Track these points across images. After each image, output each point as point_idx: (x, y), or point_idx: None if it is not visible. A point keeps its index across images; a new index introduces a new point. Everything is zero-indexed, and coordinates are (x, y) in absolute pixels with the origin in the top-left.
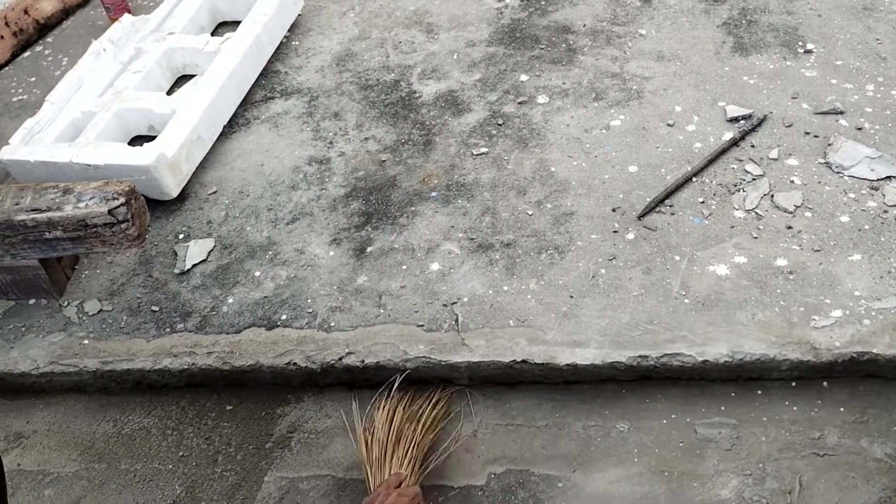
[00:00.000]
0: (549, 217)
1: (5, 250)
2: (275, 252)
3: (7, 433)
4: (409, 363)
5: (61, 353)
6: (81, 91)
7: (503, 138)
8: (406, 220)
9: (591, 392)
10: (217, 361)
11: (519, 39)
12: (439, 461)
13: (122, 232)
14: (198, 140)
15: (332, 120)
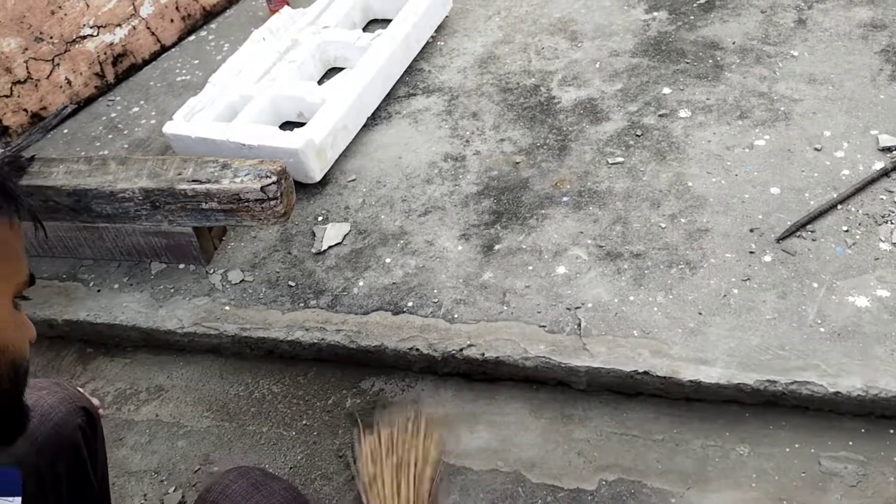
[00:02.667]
0: (682, 231)
1: (164, 216)
2: (406, 241)
3: (149, 385)
4: (529, 361)
5: (204, 316)
6: (241, 76)
7: (641, 149)
8: (535, 222)
9: (712, 411)
10: (345, 339)
11: (664, 52)
12: (546, 462)
13: (271, 208)
14: (343, 129)
15: (470, 119)
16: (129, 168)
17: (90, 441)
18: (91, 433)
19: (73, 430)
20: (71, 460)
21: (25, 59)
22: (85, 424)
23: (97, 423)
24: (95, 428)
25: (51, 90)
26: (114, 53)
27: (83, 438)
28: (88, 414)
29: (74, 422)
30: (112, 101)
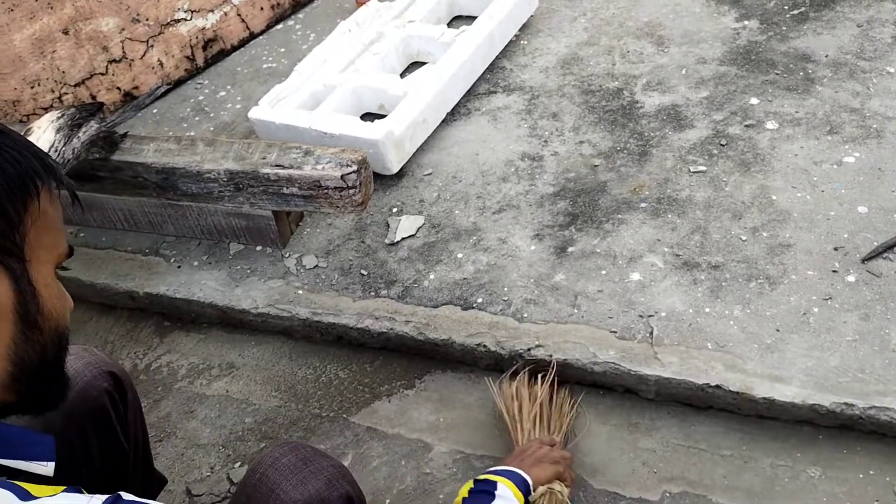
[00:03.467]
0: (763, 245)
1: (246, 198)
2: (478, 238)
3: (221, 361)
4: (597, 366)
5: (278, 298)
6: (326, 65)
7: (724, 159)
8: (611, 227)
9: (783, 430)
10: (413, 331)
11: (753, 62)
12: (609, 468)
13: (349, 197)
14: (423, 123)
15: (549, 120)
16: (216, 150)
17: (119, 406)
18: (120, 398)
19: (99, 394)
20: (99, 424)
21: (122, 38)
22: (112, 389)
23: (127, 388)
24: (125, 393)
25: (143, 70)
26: (205, 38)
27: (111, 403)
28: (116, 378)
29: (101, 386)
30: (200, 84)
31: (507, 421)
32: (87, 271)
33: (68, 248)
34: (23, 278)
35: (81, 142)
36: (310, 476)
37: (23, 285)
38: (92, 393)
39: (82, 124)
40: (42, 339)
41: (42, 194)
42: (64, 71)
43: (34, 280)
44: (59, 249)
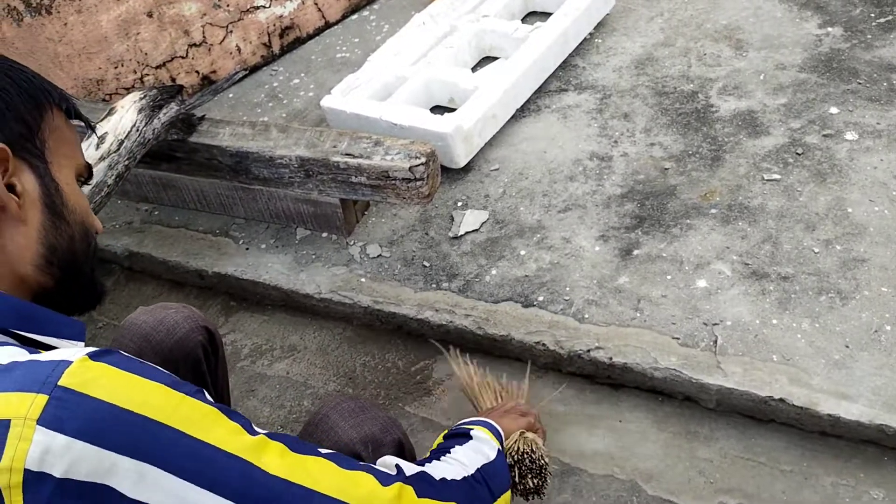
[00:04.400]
0: (836, 259)
1: (315, 185)
2: (542, 236)
3: (283, 343)
4: (658, 372)
5: (341, 285)
6: (398, 57)
7: (799, 168)
8: (679, 232)
9: (847, 449)
10: (473, 325)
11: (835, 70)
12: (665, 475)
13: (416, 189)
14: (492, 118)
15: (620, 120)
16: (289, 136)
17: (210, 358)
18: (212, 352)
19: (194, 346)
20: (193, 372)
21: (203, 23)
22: (206, 342)
23: (219, 345)
24: (217, 349)
25: (221, 55)
26: (282, 26)
27: (204, 355)
28: (211, 334)
29: (197, 339)
30: (275, 71)
31: (468, 392)
32: (159, 248)
33: (86, 165)
34: (46, 175)
35: (161, 123)
36: (366, 421)
37: (47, 180)
38: (189, 344)
39: (163, 106)
40: (69, 230)
41: (55, 111)
42: (146, 53)
43: (57, 178)
44: (77, 161)
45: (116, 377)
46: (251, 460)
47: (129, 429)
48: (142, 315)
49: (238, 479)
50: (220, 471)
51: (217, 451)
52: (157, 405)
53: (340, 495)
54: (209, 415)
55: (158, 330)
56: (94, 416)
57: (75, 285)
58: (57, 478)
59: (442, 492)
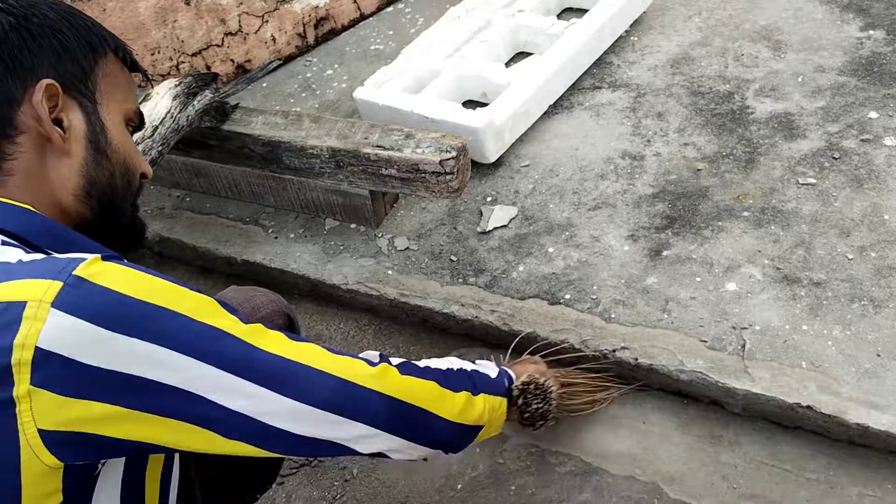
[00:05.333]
0: (870, 266)
1: (345, 176)
2: (571, 233)
3: (308, 332)
4: (684, 375)
5: (368, 277)
6: (432, 50)
7: (836, 173)
8: (710, 234)
9: (875, 459)
10: (498, 321)
11: (876, 74)
12: (687, 479)
13: (446, 182)
14: (525, 114)
15: (654, 119)
16: (321, 127)
17: None
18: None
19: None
20: None
21: (239, 12)
22: (285, 328)
23: (297, 331)
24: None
25: (256, 45)
26: (317, 17)
27: None
28: (291, 321)
29: (278, 322)
30: (309, 61)
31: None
32: (189, 234)
33: (138, 111)
34: (94, 114)
35: (196, 110)
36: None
37: (94, 119)
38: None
39: (197, 93)
40: (110, 166)
41: (109, 56)
42: (183, 40)
43: (104, 119)
44: (128, 106)
45: (126, 273)
46: (251, 342)
47: (137, 313)
48: (232, 292)
49: (241, 356)
50: (224, 348)
51: (220, 332)
52: (163, 295)
53: (333, 371)
54: (210, 305)
55: (244, 306)
56: (105, 301)
57: (113, 220)
58: (65, 357)
59: (423, 373)
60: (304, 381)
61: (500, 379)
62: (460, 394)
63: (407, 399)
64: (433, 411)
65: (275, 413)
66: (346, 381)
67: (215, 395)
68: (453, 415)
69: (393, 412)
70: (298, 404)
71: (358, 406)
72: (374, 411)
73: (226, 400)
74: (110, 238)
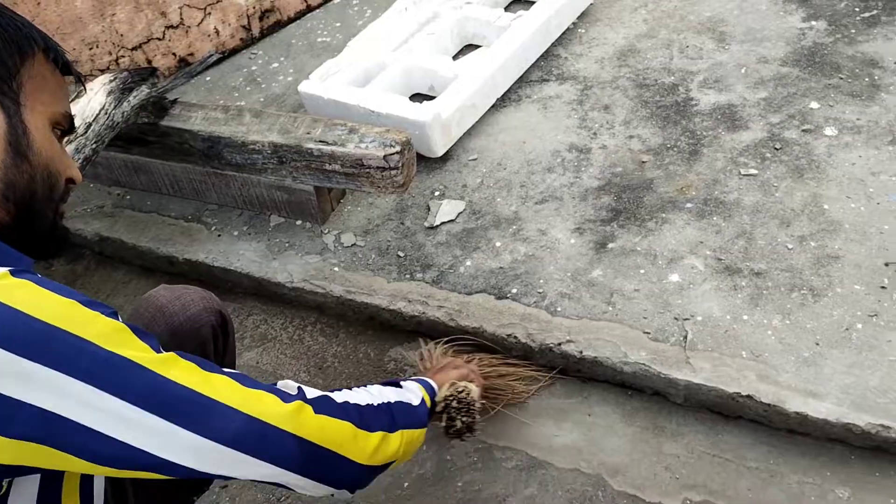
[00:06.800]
0: (810, 255)
1: (288, 172)
2: (518, 227)
3: (254, 332)
4: (627, 367)
5: (314, 274)
6: (379, 43)
7: (777, 164)
8: (654, 225)
9: (814, 448)
10: (445, 317)
11: (817, 65)
12: (631, 470)
13: (391, 178)
14: (472, 107)
15: (600, 112)
16: (263, 121)
17: (219, 343)
18: (222, 336)
19: (204, 325)
20: (196, 349)
21: (180, 5)
22: (217, 325)
23: (231, 333)
24: (227, 335)
25: (199, 38)
26: (262, 8)
27: (213, 336)
28: (224, 320)
29: (208, 319)
30: (254, 54)
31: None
32: (130, 234)
33: (68, 115)
34: (16, 116)
35: (132, 106)
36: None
37: (15, 121)
38: (199, 321)
39: (133, 88)
40: (31, 170)
41: (38, 57)
42: (122, 34)
43: (26, 121)
44: (56, 109)
45: (32, 290)
46: (159, 372)
47: (38, 336)
48: (162, 290)
49: (145, 386)
50: (128, 378)
51: (126, 361)
52: (69, 318)
53: (242, 407)
54: (120, 331)
55: (173, 304)
56: (6, 320)
57: (33, 226)
58: None
59: (339, 411)
60: (212, 417)
61: (421, 407)
62: (375, 434)
63: (319, 441)
64: (344, 454)
65: (177, 449)
66: (255, 419)
67: (115, 430)
68: (364, 457)
69: (303, 454)
70: (203, 440)
71: (267, 445)
72: (283, 452)
73: (126, 435)
74: (29, 244)
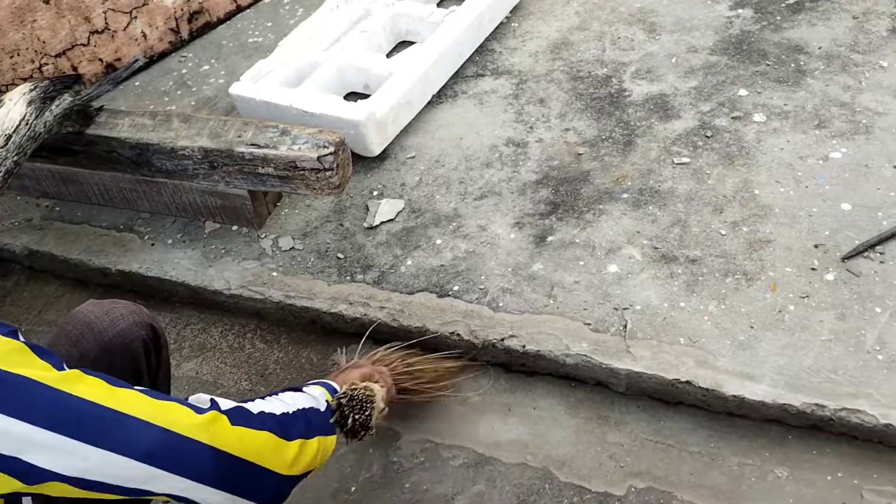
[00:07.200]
0: (742, 241)
1: (221, 177)
2: (458, 224)
3: (192, 342)
4: (569, 359)
5: (251, 280)
6: (311, 42)
7: (709, 151)
8: (592, 217)
9: (752, 429)
10: (387, 317)
11: (745, 52)
12: (577, 461)
13: (326, 179)
14: (407, 105)
15: (536, 105)
16: (192, 126)
17: (151, 357)
18: (154, 351)
19: (134, 340)
20: (129, 367)
21: (104, 9)
22: (149, 340)
23: (164, 346)
24: (160, 349)
25: (126, 42)
26: (190, 10)
27: (144, 351)
28: (156, 334)
29: (139, 334)
30: (184, 57)
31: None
32: (61, 246)
33: None
34: None
35: (54, 115)
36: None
37: None
38: (129, 336)
39: (56, 97)
40: None
41: None
42: (44, 41)
43: None
44: None
45: None
46: (63, 388)
47: None
48: (90, 305)
49: (48, 404)
50: (30, 398)
51: (27, 381)
52: None
53: (153, 419)
54: (19, 350)
55: (102, 319)
56: None
57: None
58: None
59: (256, 422)
60: (122, 431)
61: (328, 412)
62: (294, 443)
63: (238, 452)
64: (265, 465)
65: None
66: (168, 431)
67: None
68: (285, 467)
69: (220, 466)
70: (116, 457)
71: (181, 458)
72: (198, 464)
73: (35, 457)
74: None
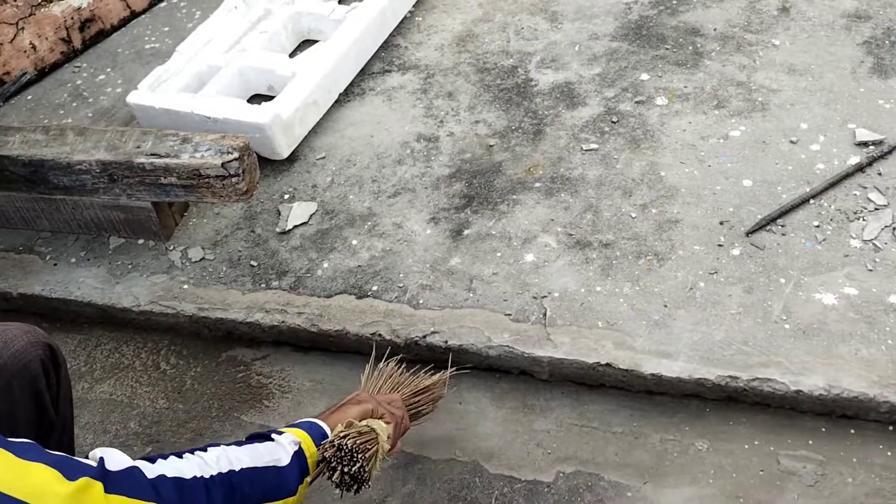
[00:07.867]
0: (652, 222)
1: (122, 190)
2: (373, 223)
3: (104, 363)
4: (492, 350)
5: (162, 295)
6: (210, 45)
7: (615, 136)
8: (506, 208)
9: (672, 405)
10: (306, 322)
11: (644, 37)
12: (505, 452)
13: (232, 185)
14: (313, 105)
15: (445, 99)
16: (88, 139)
17: (51, 376)
18: (53, 370)
19: (32, 360)
20: (28, 388)
21: None
22: (47, 359)
23: (62, 364)
24: (59, 367)
25: (14, 55)
26: (81, 18)
27: (43, 371)
28: (53, 352)
29: (36, 353)
30: (78, 67)
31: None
32: None
33: None
34: None
35: None
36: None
37: None
38: (25, 357)
39: None
40: None
41: None
42: None
43: None
44: None
45: None
46: None
47: None
48: None
49: None
50: None
51: None
52: None
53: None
54: None
55: None
56: None
57: None
58: None
59: (143, 490)
60: None
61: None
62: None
63: None
64: None
65: None
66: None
67: None
68: None
69: None
70: None
71: None
72: None
73: None
74: None
